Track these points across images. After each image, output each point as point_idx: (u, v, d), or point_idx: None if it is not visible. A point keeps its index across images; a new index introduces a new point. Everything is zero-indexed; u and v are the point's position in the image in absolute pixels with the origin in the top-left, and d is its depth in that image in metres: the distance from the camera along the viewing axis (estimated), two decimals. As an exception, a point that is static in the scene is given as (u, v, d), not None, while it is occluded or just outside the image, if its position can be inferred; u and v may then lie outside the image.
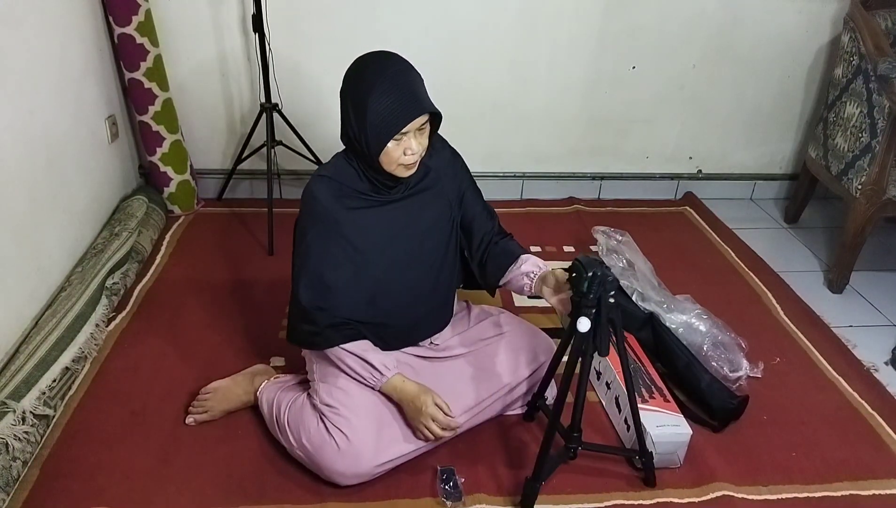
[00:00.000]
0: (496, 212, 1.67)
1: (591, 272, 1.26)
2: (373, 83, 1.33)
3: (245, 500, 1.46)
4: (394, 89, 1.33)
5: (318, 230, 1.44)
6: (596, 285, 1.27)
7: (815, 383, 1.92)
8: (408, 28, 2.52)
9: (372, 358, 1.48)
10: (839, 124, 2.47)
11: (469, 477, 1.53)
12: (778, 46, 2.73)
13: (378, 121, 1.33)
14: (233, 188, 2.76)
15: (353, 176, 1.46)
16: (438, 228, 1.56)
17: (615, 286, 1.29)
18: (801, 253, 2.66)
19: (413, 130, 1.36)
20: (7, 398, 1.51)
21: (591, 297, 1.28)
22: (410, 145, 1.37)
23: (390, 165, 1.40)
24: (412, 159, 1.39)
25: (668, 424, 1.58)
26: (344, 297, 1.46)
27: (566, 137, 2.85)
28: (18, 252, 1.77)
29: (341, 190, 1.45)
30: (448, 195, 1.57)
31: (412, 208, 1.52)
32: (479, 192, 1.65)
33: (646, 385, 1.71)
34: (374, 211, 1.48)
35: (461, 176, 1.61)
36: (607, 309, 1.30)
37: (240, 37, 2.49)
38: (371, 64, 1.37)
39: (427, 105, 1.36)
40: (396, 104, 1.33)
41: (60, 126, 2.01)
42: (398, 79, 1.35)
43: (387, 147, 1.36)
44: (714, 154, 2.98)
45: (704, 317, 1.95)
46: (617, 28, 2.62)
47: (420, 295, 1.56)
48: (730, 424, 1.73)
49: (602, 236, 2.23)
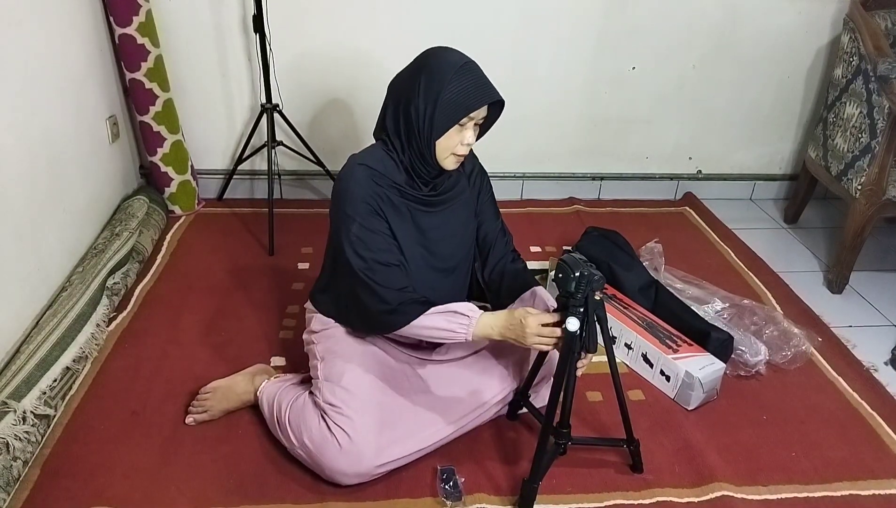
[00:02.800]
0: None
1: (577, 273, 1.28)
2: (454, 65, 1.38)
3: (245, 500, 1.46)
4: (471, 73, 1.40)
5: (363, 215, 1.43)
6: (583, 285, 1.29)
7: (815, 383, 1.92)
8: (407, 29, 2.52)
9: (453, 308, 1.43)
10: (839, 125, 2.47)
11: (469, 477, 1.53)
12: (778, 47, 2.74)
13: (454, 98, 1.37)
14: (233, 189, 2.76)
15: (391, 167, 1.47)
16: (460, 235, 1.59)
17: (601, 285, 1.31)
18: (801, 253, 2.67)
19: (477, 119, 1.41)
20: (8, 397, 1.51)
21: (578, 296, 1.30)
22: (469, 136, 1.41)
23: (444, 153, 1.43)
24: (465, 151, 1.43)
25: (706, 364, 1.77)
26: (400, 273, 1.46)
27: (566, 137, 2.85)
28: (19, 252, 1.77)
29: (381, 179, 1.46)
30: (472, 206, 1.62)
31: (441, 211, 1.54)
32: (497, 209, 1.69)
33: (668, 338, 1.87)
34: (407, 205, 1.49)
35: (485, 192, 1.66)
36: (594, 306, 1.33)
37: (241, 37, 2.49)
38: (447, 51, 1.43)
39: (497, 95, 1.42)
40: (475, 85, 1.39)
41: (61, 126, 2.01)
42: (475, 67, 1.42)
43: (451, 132, 1.40)
44: (714, 154, 2.98)
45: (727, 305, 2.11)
46: (617, 28, 2.63)
47: (437, 298, 1.55)
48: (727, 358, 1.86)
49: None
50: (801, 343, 1.97)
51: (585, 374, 1.87)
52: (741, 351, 1.89)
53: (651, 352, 1.85)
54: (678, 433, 1.70)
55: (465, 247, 1.61)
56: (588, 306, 1.32)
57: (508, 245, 1.69)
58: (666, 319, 1.95)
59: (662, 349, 1.83)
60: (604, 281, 1.32)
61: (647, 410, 1.78)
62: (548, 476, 1.55)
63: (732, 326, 1.99)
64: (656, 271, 2.25)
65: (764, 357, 1.89)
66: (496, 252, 1.66)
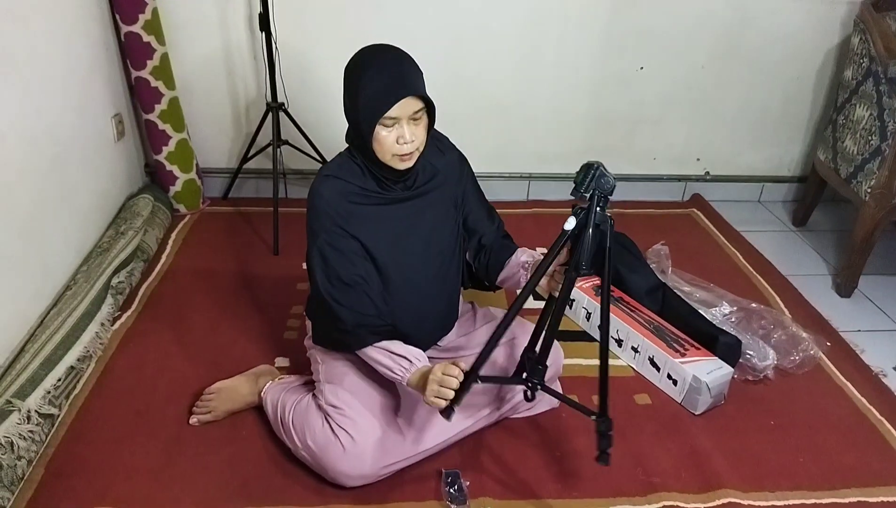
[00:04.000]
0: (500, 215, 1.67)
1: (592, 165, 1.21)
2: (365, 67, 1.34)
3: (249, 501, 1.46)
4: (383, 72, 1.33)
5: (328, 230, 1.42)
6: (593, 177, 1.21)
7: (823, 388, 1.90)
8: (414, 28, 2.51)
9: (402, 351, 1.43)
10: (848, 127, 2.45)
11: (474, 481, 1.52)
12: (787, 48, 2.72)
13: (367, 102, 1.33)
14: (238, 187, 2.76)
15: (357, 174, 1.45)
16: (444, 229, 1.55)
17: (610, 188, 1.23)
18: (810, 256, 2.65)
19: (405, 117, 1.34)
20: (12, 396, 1.51)
21: (582, 189, 1.22)
22: (403, 134, 1.35)
23: (385, 155, 1.38)
24: (407, 150, 1.36)
25: (714, 368, 1.76)
26: (364, 294, 1.44)
27: (573, 137, 2.84)
28: (24, 250, 1.77)
29: (347, 188, 1.43)
30: (454, 197, 1.57)
31: (418, 208, 1.51)
32: (482, 194, 1.64)
33: (676, 341, 1.85)
34: (380, 209, 1.46)
35: (466, 179, 1.60)
36: (598, 216, 1.24)
37: (246, 36, 2.48)
38: (367, 51, 1.38)
39: (415, 88, 1.34)
40: (384, 85, 1.32)
41: (66, 124, 2.01)
42: (389, 63, 1.34)
43: (379, 134, 1.34)
44: (722, 156, 2.96)
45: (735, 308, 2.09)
46: (624, 28, 2.61)
47: (426, 296, 1.55)
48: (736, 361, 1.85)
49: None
50: (809, 348, 1.96)
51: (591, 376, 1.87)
52: (749, 356, 1.88)
53: (658, 356, 1.83)
54: (685, 438, 1.69)
55: (449, 242, 1.56)
56: (591, 210, 1.23)
57: (500, 230, 1.64)
58: (673, 322, 1.94)
59: (669, 352, 1.81)
60: (614, 187, 1.23)
61: (654, 414, 1.77)
62: (552, 480, 1.55)
63: (740, 330, 1.97)
64: (663, 273, 2.24)
65: (772, 362, 1.88)
66: (487, 238, 1.60)
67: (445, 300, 1.62)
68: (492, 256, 1.59)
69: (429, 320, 1.60)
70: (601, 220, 1.24)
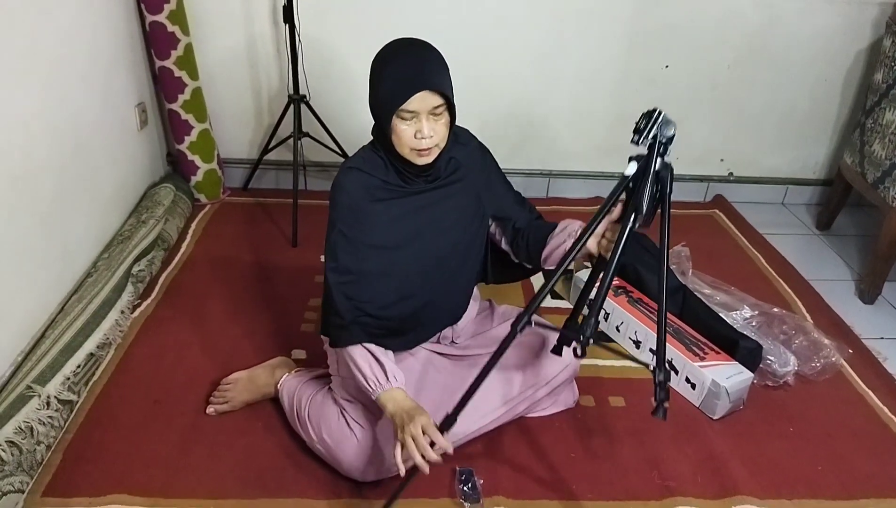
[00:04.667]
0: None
1: (655, 110, 1.18)
2: (389, 59, 1.34)
3: (263, 492, 1.46)
4: (405, 65, 1.32)
5: (347, 222, 1.42)
6: (655, 122, 1.18)
7: (844, 396, 1.87)
8: (436, 23, 2.49)
9: (385, 362, 1.41)
10: (877, 131, 2.41)
11: (488, 479, 1.52)
12: (815, 48, 2.67)
13: (386, 94, 1.32)
14: (258, 178, 2.77)
15: (380, 166, 1.44)
16: (466, 220, 1.54)
17: (671, 137, 1.20)
18: (833, 261, 2.61)
19: (424, 112, 1.32)
20: (33, 382, 1.53)
21: (645, 133, 1.18)
22: (422, 129, 1.33)
23: (402, 149, 1.36)
24: (424, 145, 1.34)
25: (733, 373, 1.74)
26: (370, 289, 1.43)
27: (594, 135, 2.81)
28: (46, 238, 1.78)
29: (369, 181, 1.43)
30: (476, 189, 1.54)
31: (440, 200, 1.50)
32: (508, 182, 1.62)
33: (695, 344, 1.83)
34: (401, 201, 1.46)
35: (489, 168, 1.58)
36: (659, 164, 1.19)
37: (270, 27, 2.49)
38: (394, 44, 1.37)
39: (433, 83, 1.31)
40: (403, 78, 1.31)
41: (90, 113, 2.02)
42: (412, 57, 1.34)
43: (397, 127, 1.33)
44: (746, 157, 2.92)
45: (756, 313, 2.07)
46: (649, 26, 2.58)
47: (441, 287, 1.53)
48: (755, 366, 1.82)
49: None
50: (830, 354, 1.93)
51: (607, 377, 1.86)
52: (770, 361, 1.85)
53: (677, 358, 1.81)
54: (702, 443, 1.67)
55: (469, 233, 1.55)
56: (652, 155, 1.19)
57: (532, 212, 1.61)
58: (693, 325, 1.92)
59: (689, 355, 1.79)
60: (674, 136, 1.20)
61: (671, 418, 1.74)
62: (566, 481, 1.54)
63: (761, 334, 1.95)
64: (683, 275, 2.21)
65: (793, 368, 1.85)
66: (521, 222, 1.57)
67: (459, 292, 1.61)
68: (531, 235, 1.55)
69: (442, 309, 1.58)
70: (662, 167, 1.21)
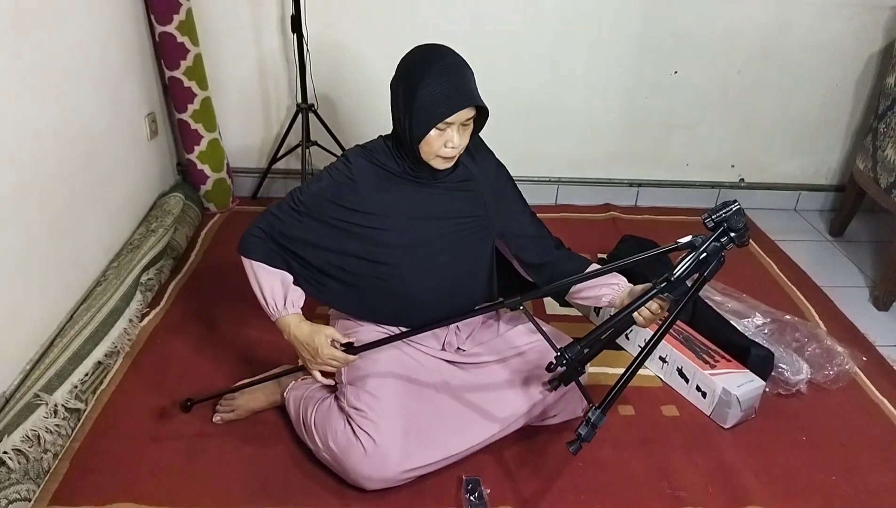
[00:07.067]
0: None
1: (735, 201, 1.24)
2: (427, 69, 1.34)
3: (269, 501, 1.46)
4: (446, 78, 1.34)
5: (334, 185, 1.47)
6: (730, 210, 1.23)
7: (858, 404, 1.85)
8: (445, 31, 2.50)
9: (283, 287, 1.50)
10: (890, 136, 2.38)
11: (495, 489, 1.51)
12: (826, 53, 2.65)
13: (426, 106, 1.34)
14: (267, 187, 2.78)
15: (389, 157, 1.48)
16: (466, 226, 1.53)
17: (739, 232, 1.24)
18: (846, 268, 2.58)
19: (458, 122, 1.36)
20: (40, 390, 1.53)
21: (716, 214, 1.24)
22: (452, 138, 1.37)
23: (429, 155, 1.40)
24: (452, 153, 1.39)
25: (745, 381, 1.72)
26: (303, 242, 1.48)
27: (603, 141, 2.80)
28: (56, 246, 1.79)
29: (376, 164, 1.47)
30: (485, 203, 1.55)
31: (442, 198, 1.51)
32: (524, 203, 1.62)
33: (705, 352, 1.81)
34: (402, 189, 1.48)
35: (507, 193, 1.58)
36: (711, 247, 1.25)
37: (278, 37, 2.50)
38: (427, 52, 1.39)
39: (476, 98, 1.37)
40: (447, 92, 1.34)
41: (100, 123, 2.04)
42: (452, 69, 1.36)
43: (429, 135, 1.36)
44: (757, 163, 2.90)
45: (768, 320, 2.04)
46: (659, 32, 2.57)
47: (439, 284, 1.53)
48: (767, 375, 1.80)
49: None
50: (844, 362, 1.90)
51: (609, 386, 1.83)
52: (782, 369, 1.83)
53: (687, 366, 1.79)
54: (713, 452, 1.65)
55: (471, 241, 1.54)
56: (710, 243, 1.25)
57: (556, 245, 1.63)
58: (703, 332, 1.90)
59: (699, 363, 1.77)
60: (743, 232, 1.24)
61: (682, 426, 1.73)
62: (576, 491, 1.52)
63: (773, 342, 1.92)
64: (694, 282, 2.19)
65: (806, 376, 1.83)
66: (543, 257, 1.60)
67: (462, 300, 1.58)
68: (555, 271, 1.58)
69: (445, 307, 1.56)
70: (712, 251, 1.27)
